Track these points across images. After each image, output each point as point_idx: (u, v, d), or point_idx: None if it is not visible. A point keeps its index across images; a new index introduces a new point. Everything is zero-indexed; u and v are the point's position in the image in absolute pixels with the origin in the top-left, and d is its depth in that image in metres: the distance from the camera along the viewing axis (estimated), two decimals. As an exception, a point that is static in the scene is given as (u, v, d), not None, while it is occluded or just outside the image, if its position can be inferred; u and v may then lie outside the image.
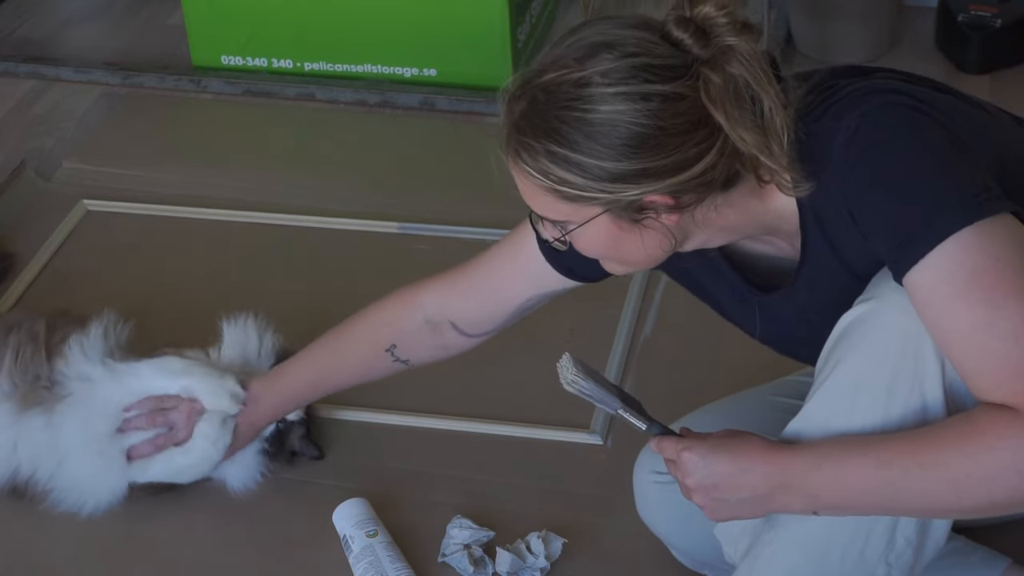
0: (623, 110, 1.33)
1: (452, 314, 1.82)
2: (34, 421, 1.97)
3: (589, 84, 1.34)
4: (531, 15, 3.08)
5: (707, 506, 1.47)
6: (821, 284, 1.48)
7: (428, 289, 1.84)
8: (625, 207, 1.38)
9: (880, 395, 1.41)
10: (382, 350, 1.88)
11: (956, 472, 1.34)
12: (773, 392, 1.79)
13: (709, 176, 1.37)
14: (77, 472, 1.97)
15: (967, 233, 1.32)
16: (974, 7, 2.95)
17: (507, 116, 1.41)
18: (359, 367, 1.93)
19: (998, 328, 1.32)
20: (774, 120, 1.35)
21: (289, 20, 3.05)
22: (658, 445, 1.50)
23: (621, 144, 1.34)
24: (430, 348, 1.87)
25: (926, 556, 1.48)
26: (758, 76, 1.35)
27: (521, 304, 1.78)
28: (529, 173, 1.39)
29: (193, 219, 2.66)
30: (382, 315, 1.88)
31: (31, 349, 2.02)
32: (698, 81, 1.34)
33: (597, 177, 1.35)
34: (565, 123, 1.35)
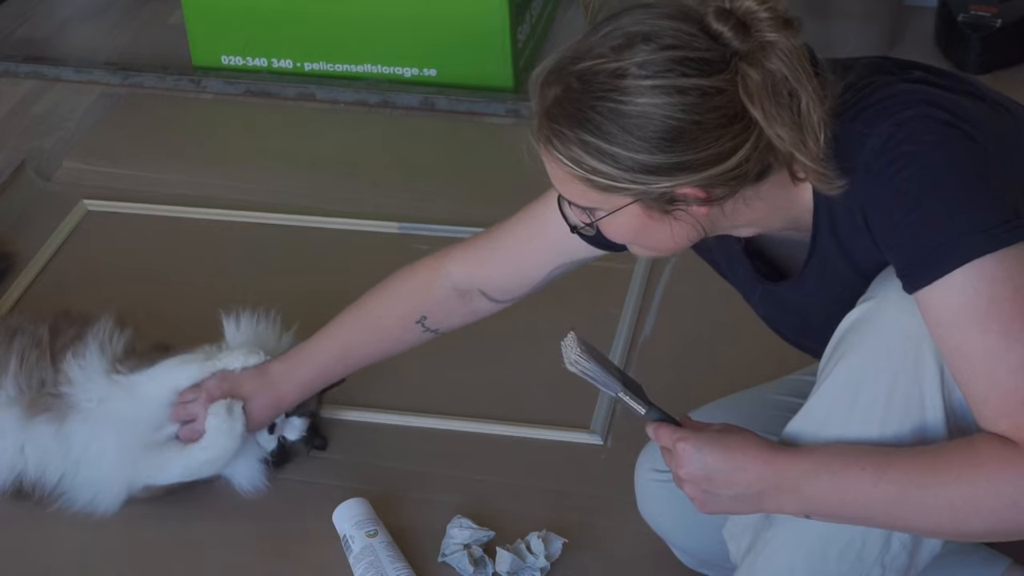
0: (659, 103, 1.32)
1: (481, 283, 1.82)
2: (43, 429, 1.97)
3: (626, 75, 1.32)
4: (531, 15, 3.08)
5: (697, 498, 1.47)
6: (828, 278, 1.48)
7: (454, 259, 1.83)
8: (656, 198, 1.37)
9: (880, 395, 1.41)
10: (413, 322, 1.87)
11: (955, 499, 1.34)
12: (776, 391, 1.79)
13: (742, 170, 1.35)
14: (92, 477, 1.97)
15: (988, 260, 1.31)
16: (974, 7, 2.95)
17: (539, 102, 1.39)
18: (389, 341, 1.92)
19: (1010, 360, 1.31)
20: (811, 117, 1.33)
21: (289, 20, 3.05)
22: (655, 431, 1.49)
23: (656, 137, 1.33)
24: (459, 315, 1.87)
25: (921, 561, 1.49)
26: (797, 73, 1.33)
27: (550, 272, 1.78)
28: (560, 161, 1.38)
29: (193, 219, 2.66)
30: (410, 287, 1.87)
31: (36, 354, 2.02)
32: (736, 76, 1.33)
33: (630, 168, 1.34)
34: (600, 113, 1.33)
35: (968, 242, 1.31)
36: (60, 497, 1.99)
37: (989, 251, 1.30)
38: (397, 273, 1.89)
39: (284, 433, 2.04)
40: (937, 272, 1.32)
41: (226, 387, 1.95)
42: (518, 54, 3.00)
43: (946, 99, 1.38)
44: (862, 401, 1.42)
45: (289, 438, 2.04)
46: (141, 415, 1.98)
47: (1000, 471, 1.32)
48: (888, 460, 1.38)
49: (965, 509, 1.34)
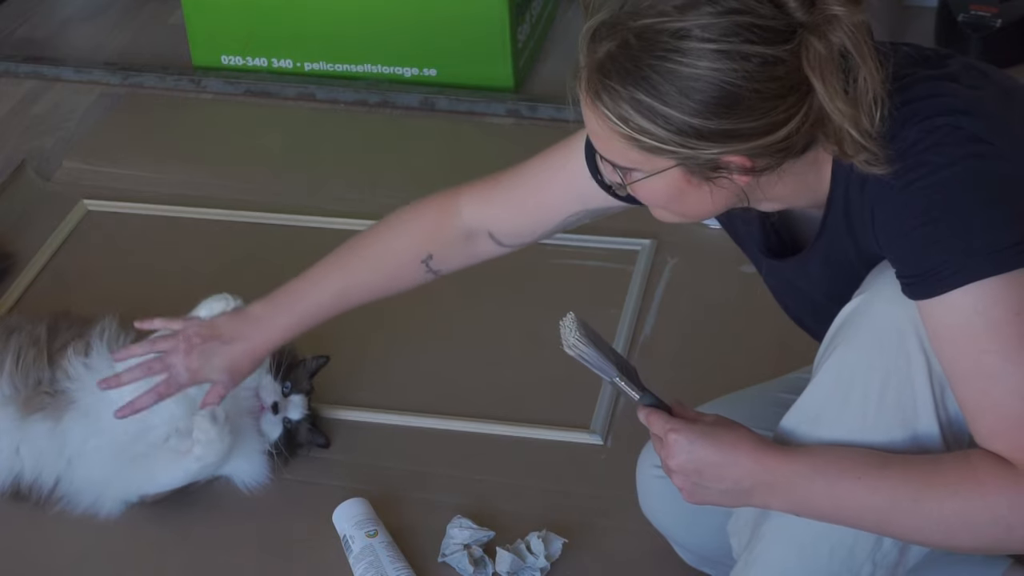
0: (720, 68, 1.28)
1: (491, 224, 1.75)
2: (38, 427, 1.97)
3: (688, 36, 1.29)
4: (531, 15, 3.08)
5: (685, 488, 1.46)
6: (833, 259, 1.47)
7: (467, 197, 1.76)
8: (701, 164, 1.34)
9: (873, 391, 1.41)
10: (418, 260, 1.79)
11: (948, 515, 1.34)
12: (777, 388, 1.78)
13: (790, 142, 1.33)
14: (87, 478, 1.98)
15: (993, 282, 1.30)
16: (974, 7, 2.95)
17: (589, 55, 1.34)
18: (389, 279, 1.83)
19: (1007, 383, 1.31)
20: (868, 94, 1.31)
21: (289, 20, 3.05)
22: (647, 418, 1.48)
23: (713, 102, 1.29)
24: (463, 257, 1.80)
25: (910, 559, 1.49)
26: (860, 48, 1.30)
27: (564, 219, 1.72)
28: (607, 117, 1.34)
29: (193, 219, 2.66)
30: (421, 224, 1.80)
31: (32, 353, 2.02)
32: (799, 47, 1.29)
33: (680, 131, 1.31)
34: (657, 73, 1.29)
35: (974, 263, 1.30)
36: (59, 500, 1.99)
37: (994, 273, 1.30)
38: (406, 209, 1.82)
39: (287, 414, 2.03)
40: (939, 289, 1.31)
41: (205, 332, 1.87)
42: (518, 54, 3.00)
43: (982, 110, 1.35)
44: (855, 396, 1.42)
45: (293, 418, 2.03)
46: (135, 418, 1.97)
47: (996, 492, 1.32)
48: (884, 471, 1.38)
49: (957, 525, 1.34)
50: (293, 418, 2.04)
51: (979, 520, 1.33)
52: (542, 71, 3.10)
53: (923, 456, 1.39)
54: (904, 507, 1.36)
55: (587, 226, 2.56)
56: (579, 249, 2.52)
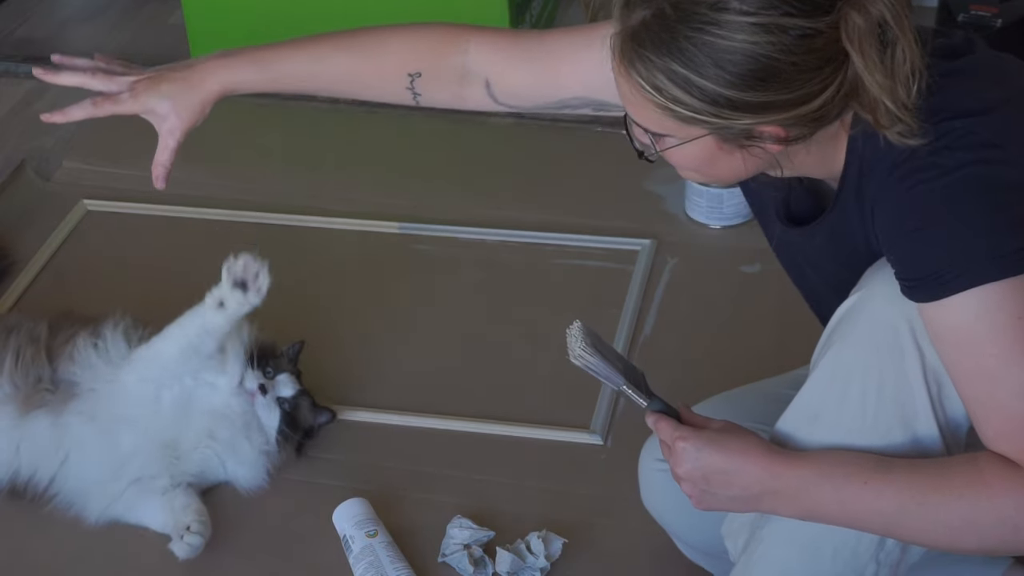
0: (758, 41, 1.27)
1: (493, 75, 1.70)
2: (38, 422, 1.97)
3: (727, 9, 1.27)
4: (531, 15, 3.08)
5: (694, 495, 1.47)
6: (838, 237, 1.46)
7: (479, 38, 1.72)
8: (735, 133, 1.33)
9: (870, 390, 1.41)
10: (405, 72, 1.72)
11: (955, 518, 1.34)
12: (781, 385, 1.78)
13: (824, 111, 1.32)
14: (80, 479, 1.98)
15: (994, 287, 1.30)
16: (974, 7, 2.95)
17: (622, 21, 1.33)
18: (371, 79, 1.75)
19: (1010, 385, 1.31)
20: (905, 64, 1.30)
21: (289, 20, 3.04)
22: (656, 424, 1.49)
23: (749, 74, 1.28)
24: (449, 93, 1.75)
25: (912, 556, 1.49)
26: (900, 19, 1.29)
27: (565, 98, 1.67)
28: (641, 86, 1.32)
29: (193, 219, 2.66)
30: (423, 39, 1.74)
31: (31, 351, 2.02)
32: (839, 17, 1.28)
33: (715, 103, 1.30)
34: (694, 44, 1.28)
35: (978, 267, 1.30)
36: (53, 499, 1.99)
37: (998, 278, 1.29)
38: (417, 23, 1.77)
39: (278, 393, 2.02)
40: (942, 292, 1.31)
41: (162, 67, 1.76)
42: (518, 54, 2.99)
43: (998, 111, 1.35)
44: (852, 394, 1.42)
45: (285, 395, 2.03)
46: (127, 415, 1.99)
47: (1003, 494, 1.32)
48: (889, 475, 1.38)
49: (964, 527, 1.34)
50: (285, 395, 2.03)
51: (986, 522, 1.33)
52: (542, 71, 3.10)
53: (930, 460, 1.39)
54: (911, 511, 1.36)
55: (587, 226, 2.58)
56: (579, 249, 2.52)
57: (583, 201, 2.63)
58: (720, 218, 2.53)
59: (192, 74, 1.74)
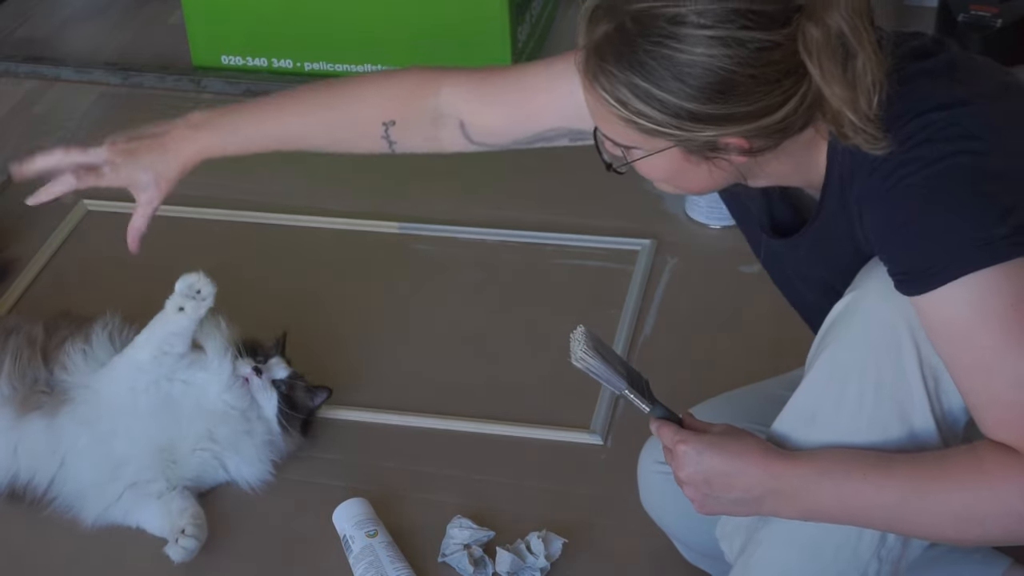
0: (716, 54, 1.28)
1: (466, 114, 1.72)
2: (35, 425, 1.97)
3: (684, 23, 1.29)
4: (531, 15, 3.08)
5: (696, 500, 1.47)
6: (824, 244, 1.47)
7: (451, 79, 1.73)
8: (699, 145, 1.35)
9: (868, 389, 1.41)
10: (379, 121, 1.74)
11: (957, 508, 1.34)
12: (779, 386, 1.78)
13: (787, 123, 1.33)
14: (78, 481, 1.98)
15: (986, 274, 1.30)
16: (974, 7, 2.95)
17: (587, 36, 1.35)
18: (344, 132, 1.78)
19: (1007, 374, 1.31)
20: (866, 75, 1.31)
21: (289, 20, 3.05)
22: (658, 430, 1.49)
23: (708, 87, 1.30)
24: (423, 138, 1.76)
25: (912, 551, 1.49)
26: (858, 31, 1.30)
27: (540, 131, 1.69)
28: (605, 99, 1.34)
29: (193, 219, 2.66)
30: (394, 86, 1.76)
31: (28, 354, 2.02)
32: (796, 30, 1.29)
33: (676, 115, 1.31)
34: (654, 58, 1.30)
35: (967, 255, 1.30)
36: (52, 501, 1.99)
37: (987, 265, 1.30)
38: (387, 71, 1.78)
39: (272, 375, 2.02)
40: (933, 283, 1.31)
41: (133, 134, 1.82)
42: (518, 54, 3.00)
43: (975, 104, 1.36)
44: (849, 394, 1.42)
45: (279, 376, 2.03)
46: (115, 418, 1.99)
47: (1004, 481, 1.32)
48: (890, 468, 1.38)
49: (966, 517, 1.34)
50: (279, 377, 2.03)
51: (988, 511, 1.33)
52: (542, 71, 3.10)
53: (929, 452, 1.40)
54: (912, 503, 1.36)
55: (587, 226, 2.58)
56: (579, 249, 2.52)
57: (583, 201, 2.63)
58: (720, 218, 2.53)
59: (169, 142, 1.79)
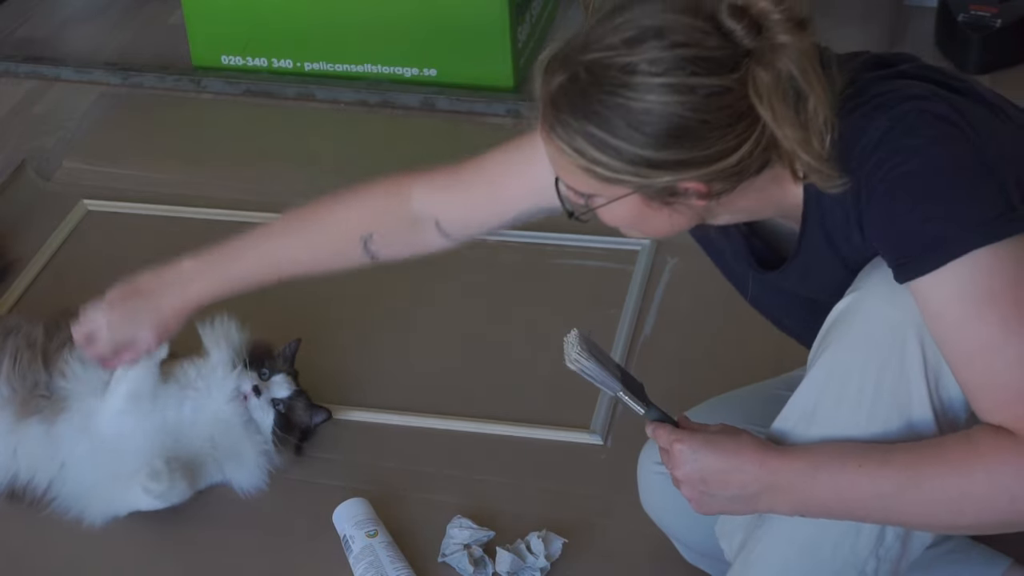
0: (668, 101, 1.31)
1: (441, 213, 1.74)
2: (34, 430, 1.97)
3: (636, 71, 1.31)
4: (531, 15, 3.08)
5: (693, 498, 1.47)
6: (814, 272, 1.48)
7: (421, 183, 1.76)
8: (657, 191, 1.37)
9: (867, 387, 1.41)
10: (357, 237, 1.77)
11: (952, 492, 1.34)
12: (775, 386, 1.79)
13: (744, 165, 1.35)
14: (79, 483, 1.98)
15: (985, 253, 1.31)
16: (974, 7, 2.95)
17: (543, 87, 1.37)
18: (325, 252, 1.81)
19: (1007, 353, 1.32)
20: (818, 117, 1.33)
21: (289, 20, 3.05)
22: (654, 432, 1.50)
23: (662, 133, 1.32)
24: (404, 244, 1.78)
25: (913, 549, 1.49)
26: (807, 74, 1.32)
27: (516, 215, 1.72)
28: (563, 149, 1.36)
29: (193, 219, 2.66)
30: (366, 201, 1.79)
31: (28, 356, 2.02)
32: (746, 75, 1.32)
33: (633, 162, 1.33)
34: (607, 107, 1.32)
35: (964, 235, 1.31)
36: (52, 502, 1.99)
37: (985, 244, 1.31)
38: (356, 186, 1.81)
39: (272, 394, 2.02)
40: (933, 264, 1.32)
41: (128, 289, 1.88)
42: (518, 54, 3.00)
43: (941, 95, 1.38)
44: (850, 392, 1.42)
45: (279, 396, 2.03)
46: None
47: (998, 462, 1.32)
48: (884, 457, 1.38)
49: (962, 502, 1.34)
50: (279, 396, 2.03)
51: (984, 494, 1.33)
52: (542, 71, 3.09)
53: (924, 441, 1.40)
54: (908, 491, 1.36)
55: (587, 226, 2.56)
56: (579, 249, 2.52)
57: (583, 201, 2.63)
58: (720, 218, 2.52)
59: (164, 302, 1.87)
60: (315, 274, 1.83)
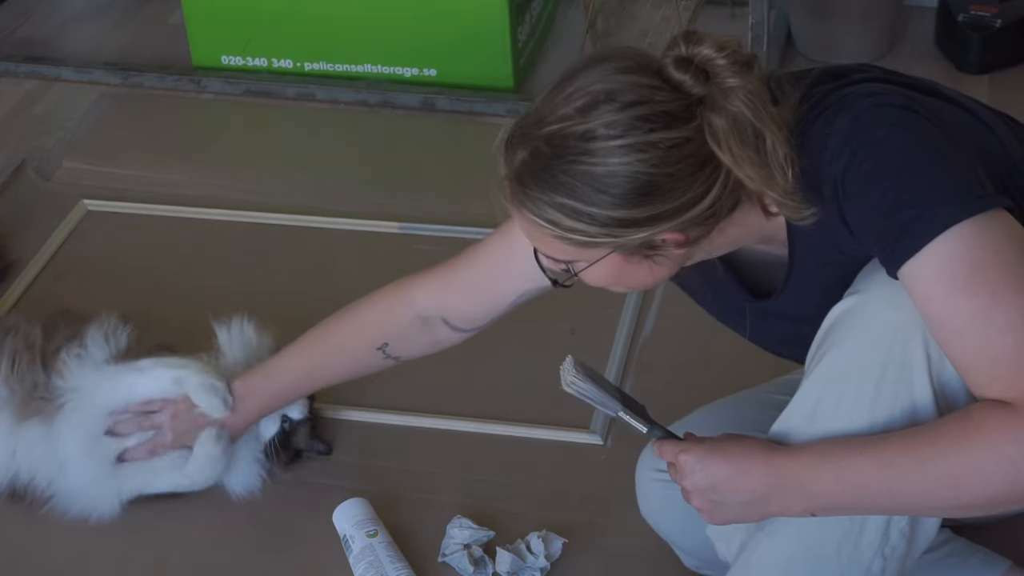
0: (629, 161, 1.34)
1: (445, 312, 1.82)
2: (33, 431, 1.97)
3: (594, 138, 1.34)
4: (531, 15, 3.08)
5: (705, 509, 1.47)
6: (808, 290, 1.49)
7: (420, 287, 1.84)
8: (635, 247, 1.39)
9: (869, 386, 1.41)
10: (373, 348, 1.88)
11: (954, 468, 1.34)
12: (774, 391, 1.79)
13: (715, 208, 1.38)
14: (77, 481, 1.98)
15: (966, 226, 1.32)
16: (974, 7, 2.95)
17: (507, 165, 1.41)
18: (349, 365, 1.94)
19: (997, 322, 1.32)
20: (777, 154, 1.36)
21: (289, 20, 3.05)
22: (659, 449, 1.51)
23: (631, 193, 1.34)
24: (421, 344, 1.88)
25: (919, 546, 1.49)
26: (760, 113, 1.35)
27: (516, 300, 1.79)
28: (536, 222, 1.40)
29: (193, 219, 2.66)
30: (373, 313, 1.88)
31: (27, 357, 2.02)
32: (702, 122, 1.35)
33: (606, 224, 1.36)
34: (572, 176, 1.35)
35: (943, 212, 1.32)
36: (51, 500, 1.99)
37: (964, 218, 1.32)
38: (365, 298, 1.90)
39: (286, 411, 2.03)
40: (916, 244, 1.33)
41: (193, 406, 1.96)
42: (518, 54, 3.00)
43: (897, 90, 1.41)
44: (851, 391, 1.43)
45: (292, 416, 2.03)
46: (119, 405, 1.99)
47: (997, 431, 1.32)
48: (886, 443, 1.39)
49: (965, 476, 1.33)
50: (293, 417, 2.03)
51: (986, 466, 1.32)
52: (542, 71, 3.10)
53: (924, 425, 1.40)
54: (911, 474, 1.36)
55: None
56: (579, 249, 2.51)
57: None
58: (720, 218, 2.53)
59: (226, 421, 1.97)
60: (351, 380, 1.98)
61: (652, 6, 3.29)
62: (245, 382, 1.97)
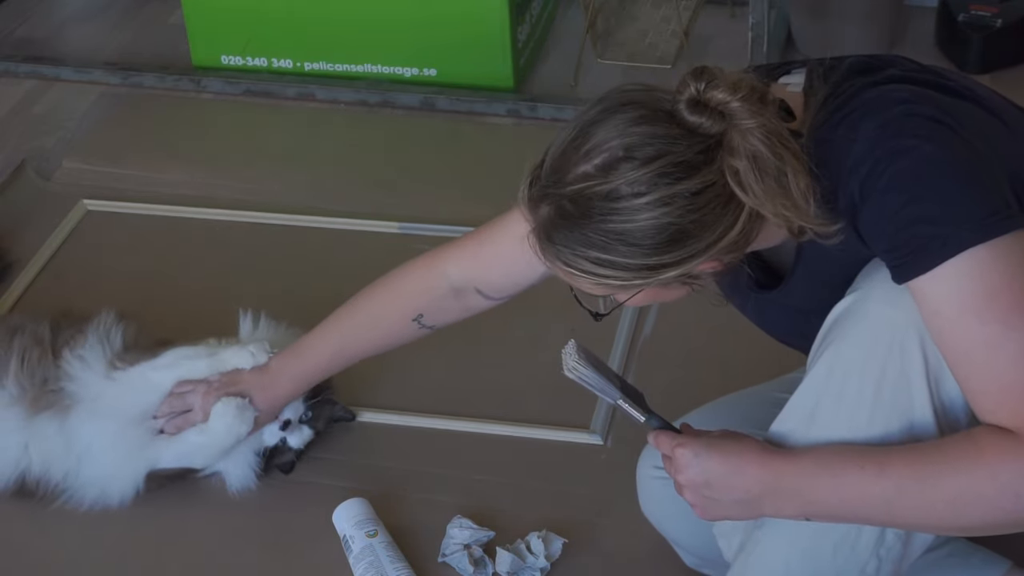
0: (656, 215, 1.34)
1: (478, 282, 1.82)
2: (47, 426, 1.98)
3: (620, 197, 1.34)
4: (531, 15, 3.08)
5: (698, 504, 1.47)
6: (814, 283, 1.49)
7: (452, 259, 1.83)
8: (672, 279, 1.40)
9: (868, 385, 1.41)
10: (409, 320, 1.88)
11: (954, 491, 1.34)
12: (774, 388, 1.79)
13: (746, 231, 1.38)
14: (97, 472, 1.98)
15: (983, 249, 1.31)
16: (974, 7, 2.95)
17: (533, 217, 1.41)
18: (385, 337, 1.94)
19: (1007, 350, 1.32)
20: (798, 184, 1.36)
21: (289, 20, 3.05)
22: (655, 439, 1.51)
23: (662, 243, 1.35)
24: (455, 312, 1.88)
25: (915, 549, 1.49)
26: (777, 149, 1.35)
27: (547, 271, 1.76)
28: (571, 272, 1.41)
29: (193, 219, 2.66)
30: (407, 285, 1.88)
31: (37, 352, 2.03)
32: (722, 164, 1.34)
33: (640, 270, 1.37)
34: (602, 234, 1.35)
35: (961, 234, 1.31)
36: (64, 494, 1.99)
37: (982, 241, 1.31)
38: (394, 272, 1.90)
39: (289, 435, 2.04)
40: (929, 264, 1.33)
41: (227, 380, 1.98)
42: (518, 54, 3.00)
43: (929, 96, 1.39)
44: (850, 392, 1.42)
45: (291, 444, 2.04)
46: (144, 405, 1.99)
47: (999, 460, 1.32)
48: (886, 458, 1.38)
49: (964, 501, 1.34)
50: (291, 445, 2.05)
51: (986, 492, 1.33)
52: (542, 71, 3.10)
53: (925, 442, 1.40)
54: (910, 491, 1.36)
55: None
56: (579, 249, 2.51)
57: (583, 201, 2.63)
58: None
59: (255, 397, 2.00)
60: (382, 351, 1.98)
61: (652, 6, 3.29)
62: (280, 359, 1.98)
